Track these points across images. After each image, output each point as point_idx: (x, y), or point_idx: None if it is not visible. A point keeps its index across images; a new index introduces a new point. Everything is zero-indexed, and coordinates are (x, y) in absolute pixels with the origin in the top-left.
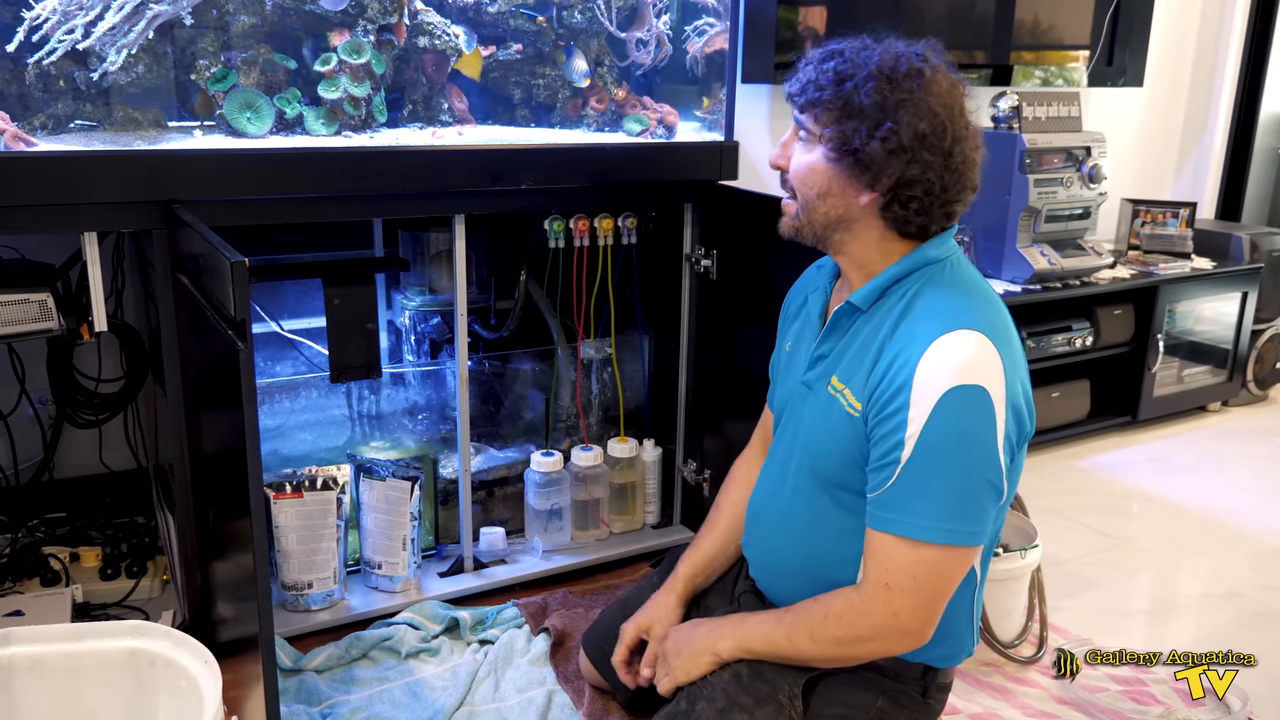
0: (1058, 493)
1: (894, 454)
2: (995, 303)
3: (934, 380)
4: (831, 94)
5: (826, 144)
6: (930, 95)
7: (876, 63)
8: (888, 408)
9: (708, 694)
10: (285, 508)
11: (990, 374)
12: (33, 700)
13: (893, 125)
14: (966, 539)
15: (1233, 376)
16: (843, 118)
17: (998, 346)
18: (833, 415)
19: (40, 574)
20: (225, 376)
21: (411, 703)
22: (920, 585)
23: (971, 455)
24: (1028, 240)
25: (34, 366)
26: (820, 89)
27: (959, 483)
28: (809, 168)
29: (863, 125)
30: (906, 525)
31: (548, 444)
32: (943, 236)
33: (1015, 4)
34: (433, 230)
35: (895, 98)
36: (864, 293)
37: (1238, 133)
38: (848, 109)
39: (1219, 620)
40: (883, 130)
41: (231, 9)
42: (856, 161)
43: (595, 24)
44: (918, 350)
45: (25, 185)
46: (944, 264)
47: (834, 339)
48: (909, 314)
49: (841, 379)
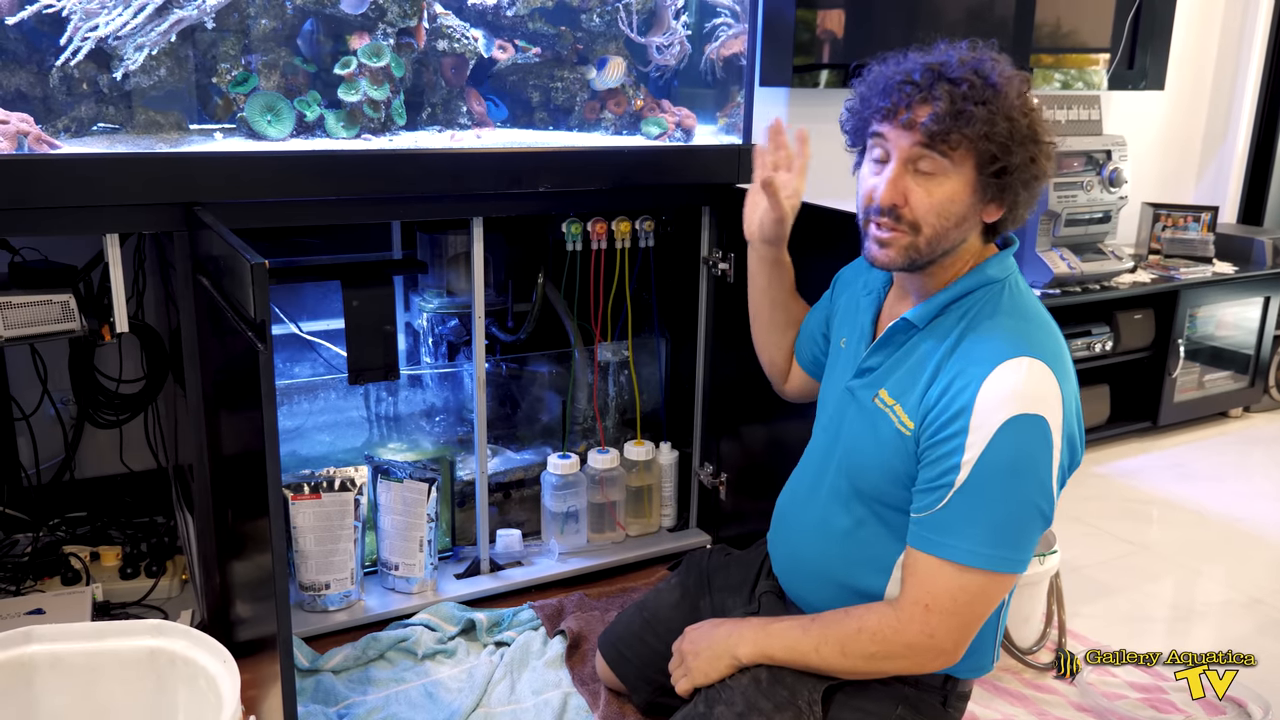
0: (1077, 498)
1: (948, 477)
2: (1053, 329)
3: (996, 407)
4: (970, 119)
5: (974, 170)
6: (1035, 113)
7: (995, 80)
8: (944, 430)
9: (726, 698)
10: (303, 508)
11: (1050, 403)
12: (53, 698)
13: (1040, 144)
14: (1011, 565)
15: (1254, 382)
16: (988, 141)
17: (1057, 375)
18: (880, 430)
19: (61, 573)
20: (245, 378)
21: (428, 704)
22: (960, 609)
23: (1026, 484)
24: (1048, 244)
25: (56, 367)
26: (956, 116)
27: (1011, 510)
28: (948, 199)
29: (1010, 145)
30: (954, 549)
31: (564, 446)
32: (1001, 255)
33: (1035, 6)
34: (451, 233)
35: (1029, 114)
36: (922, 310)
37: (1260, 136)
38: (992, 132)
39: (1240, 627)
40: (1032, 150)
41: (253, 13)
42: (1001, 186)
43: (614, 28)
44: (979, 374)
45: (48, 187)
46: (1003, 285)
47: (886, 353)
48: (969, 335)
49: (893, 394)
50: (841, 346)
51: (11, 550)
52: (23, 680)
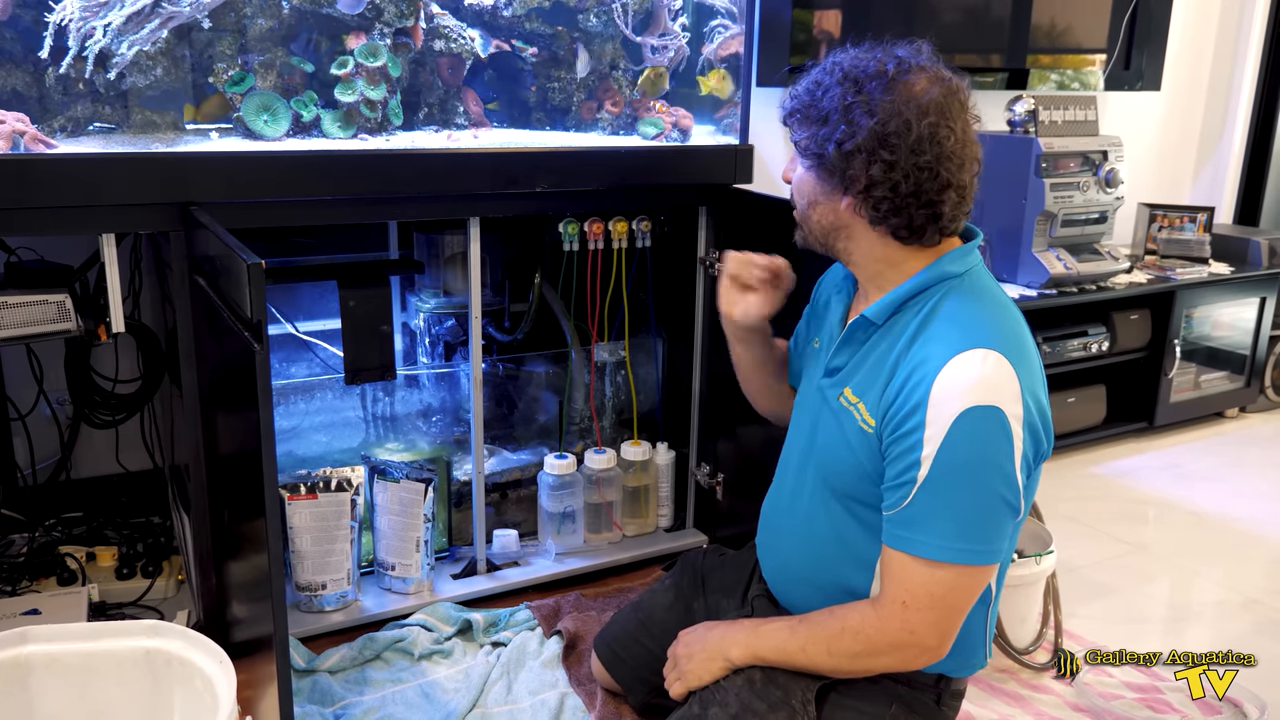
0: (1073, 499)
1: (910, 474)
2: (1014, 319)
3: (949, 400)
4: (801, 103)
5: (801, 152)
6: (895, 95)
7: (846, 68)
8: (902, 426)
9: (720, 699)
10: (300, 509)
11: (1006, 394)
12: (49, 698)
13: (847, 127)
14: (983, 558)
15: (1251, 382)
16: (811, 124)
17: (1014, 365)
18: (846, 428)
19: (57, 573)
20: (241, 378)
21: (424, 704)
22: (937, 603)
23: (988, 476)
24: (1044, 245)
25: (52, 367)
26: (794, 98)
27: (975, 503)
28: (800, 179)
29: (825, 130)
30: (923, 545)
31: (561, 446)
32: (963, 250)
33: (1032, 7)
34: (448, 233)
35: (854, 100)
36: (879, 307)
37: (1256, 137)
38: (816, 116)
39: (1236, 628)
40: (839, 133)
41: (249, 13)
42: (824, 166)
43: (611, 28)
44: (933, 369)
45: (44, 187)
46: (962, 278)
47: (848, 351)
48: (924, 330)
49: (855, 392)
50: (815, 347)
51: (7, 550)
52: (18, 681)
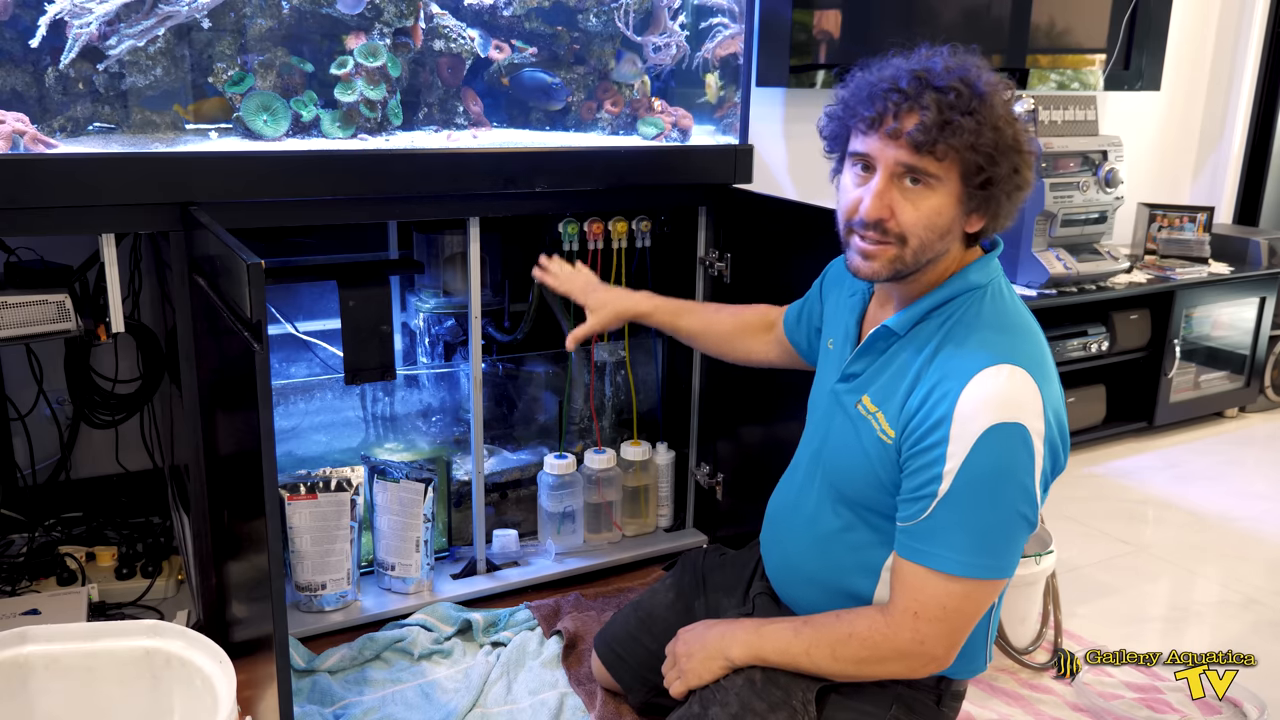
0: (1073, 499)
1: (930, 487)
2: (1036, 334)
3: (974, 416)
4: (957, 130)
5: (959, 181)
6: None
7: (981, 88)
8: (925, 440)
9: (721, 698)
10: (299, 509)
11: (1030, 411)
12: (49, 698)
13: (1022, 154)
14: (998, 572)
15: (1250, 382)
16: (974, 152)
17: (1038, 382)
18: (863, 437)
19: (57, 573)
20: (241, 378)
21: (424, 704)
22: (949, 615)
23: (1009, 492)
24: (1043, 244)
25: (52, 367)
26: (943, 126)
27: (994, 519)
28: (934, 211)
29: (996, 156)
30: (939, 558)
31: (561, 446)
32: (985, 260)
33: (1031, 7)
34: (447, 233)
35: (1013, 123)
36: (903, 318)
37: (1256, 136)
38: (979, 143)
39: (1236, 627)
40: (1015, 160)
41: (249, 13)
42: (986, 197)
43: (611, 28)
44: (958, 384)
45: (44, 187)
46: (985, 290)
47: (868, 359)
48: (948, 343)
49: (874, 401)
50: (829, 348)
51: (7, 551)
52: (18, 681)
